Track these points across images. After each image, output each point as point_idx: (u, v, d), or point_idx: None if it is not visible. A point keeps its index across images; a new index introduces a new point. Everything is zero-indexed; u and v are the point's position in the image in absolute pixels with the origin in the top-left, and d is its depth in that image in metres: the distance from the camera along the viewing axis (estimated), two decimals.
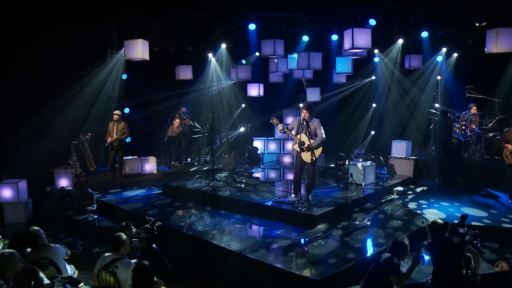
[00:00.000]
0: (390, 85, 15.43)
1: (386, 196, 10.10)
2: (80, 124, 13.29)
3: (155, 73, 14.75)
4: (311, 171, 8.73)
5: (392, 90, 15.45)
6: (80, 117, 13.23)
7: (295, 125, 8.70)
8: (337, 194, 9.55)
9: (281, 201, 8.79)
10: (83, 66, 12.90)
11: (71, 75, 12.56)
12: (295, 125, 8.69)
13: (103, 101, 14.02)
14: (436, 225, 5.62)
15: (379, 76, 15.78)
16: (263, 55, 12.16)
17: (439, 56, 14.64)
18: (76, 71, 12.71)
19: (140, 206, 9.68)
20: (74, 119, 13.02)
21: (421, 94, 14.62)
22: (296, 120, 8.76)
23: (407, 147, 12.80)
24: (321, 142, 8.59)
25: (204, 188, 10.25)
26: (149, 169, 13.60)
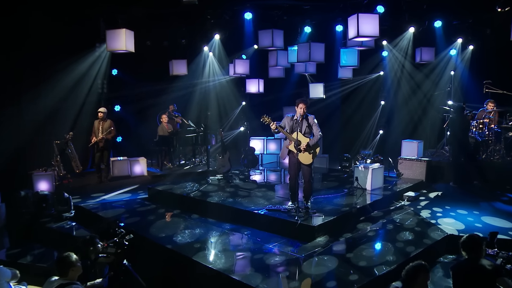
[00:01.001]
0: (400, 79, 14.29)
1: (395, 202, 9.02)
2: (64, 122, 12.34)
3: (148, 69, 13.87)
4: (308, 174, 7.69)
5: (402, 85, 14.32)
6: (63, 114, 12.27)
7: (287, 123, 7.68)
8: (340, 201, 8.50)
9: (276, 209, 7.76)
10: (66, 60, 11.92)
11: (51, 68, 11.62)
12: (288, 123, 7.67)
13: (89, 97, 13.02)
14: (476, 242, 4.51)
15: (387, 70, 14.69)
16: (261, 46, 11.13)
17: (452, 49, 13.55)
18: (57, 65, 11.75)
19: (120, 213, 8.73)
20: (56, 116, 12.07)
21: (434, 90, 13.47)
22: (288, 117, 7.72)
23: (419, 148, 11.75)
24: (318, 140, 7.60)
25: (192, 193, 9.23)
26: (139, 171, 12.63)
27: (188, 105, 14.81)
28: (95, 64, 12.79)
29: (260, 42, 11.08)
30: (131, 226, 8.00)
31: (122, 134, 14.39)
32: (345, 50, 11.01)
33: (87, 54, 12.50)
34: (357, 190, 9.22)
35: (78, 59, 12.27)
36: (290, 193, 7.88)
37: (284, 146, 7.77)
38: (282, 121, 7.80)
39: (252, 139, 13.55)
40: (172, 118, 13.34)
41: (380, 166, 9.62)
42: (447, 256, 6.82)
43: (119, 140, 14.42)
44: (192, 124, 13.05)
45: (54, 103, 11.97)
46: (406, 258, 6.20)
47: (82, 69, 12.51)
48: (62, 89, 12.01)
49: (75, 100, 12.69)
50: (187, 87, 14.85)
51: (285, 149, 7.75)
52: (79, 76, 12.51)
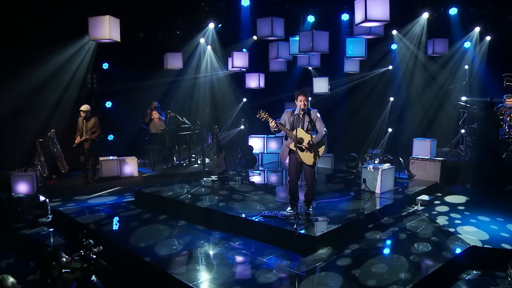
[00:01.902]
0: (413, 72, 13.25)
1: (407, 207, 8.07)
2: (48, 119, 11.49)
3: (141, 62, 13.04)
4: (311, 176, 6.76)
5: (414, 79, 13.31)
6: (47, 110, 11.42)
7: (287, 119, 6.77)
8: (345, 206, 7.55)
9: (272, 216, 6.83)
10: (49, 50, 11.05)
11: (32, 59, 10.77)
12: (287, 119, 6.77)
13: (76, 92, 12.14)
14: None
15: (397, 64, 13.73)
16: (260, 36, 10.19)
17: (467, 41, 12.56)
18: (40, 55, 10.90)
19: (99, 219, 7.83)
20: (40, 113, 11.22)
21: (448, 84, 12.45)
22: (288, 112, 6.81)
23: (432, 146, 10.81)
24: (323, 137, 6.70)
25: (181, 196, 8.32)
26: (129, 171, 11.74)
27: (183, 101, 13.93)
28: (81, 56, 11.88)
29: (258, 31, 10.15)
30: (110, 233, 7.14)
31: (113, 132, 13.56)
32: (351, 39, 10.02)
33: (72, 44, 11.58)
34: (364, 194, 8.28)
35: (63, 50, 11.38)
36: (289, 197, 6.96)
37: (284, 145, 6.84)
38: (282, 117, 6.88)
39: (251, 137, 12.62)
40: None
41: (391, 167, 8.66)
42: (471, 272, 5.87)
43: (111, 139, 13.58)
44: (187, 121, 12.16)
45: (37, 98, 11.14)
46: (423, 275, 5.26)
47: (68, 61, 11.62)
48: (46, 83, 11.16)
49: (61, 95, 11.83)
50: (182, 81, 13.97)
51: (285, 148, 6.82)
52: (64, 69, 11.63)
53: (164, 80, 13.60)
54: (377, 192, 8.28)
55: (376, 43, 12.52)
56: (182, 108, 13.56)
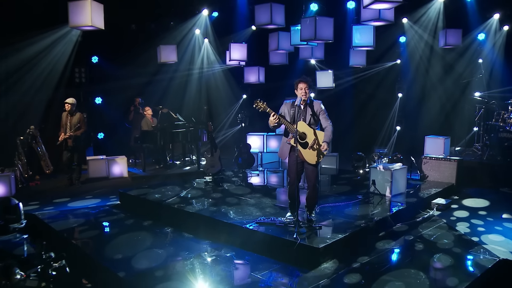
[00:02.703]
0: (425, 64, 12.29)
1: (422, 212, 7.20)
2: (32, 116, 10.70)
3: (133, 56, 12.18)
4: (314, 176, 5.89)
5: (425, 72, 12.38)
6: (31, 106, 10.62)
7: (287, 111, 5.92)
8: (353, 211, 6.67)
9: (269, 223, 5.96)
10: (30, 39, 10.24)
11: None
12: (287, 111, 5.92)
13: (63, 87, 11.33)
14: None
15: (406, 57, 12.86)
16: (258, 24, 9.33)
17: (481, 34, 11.66)
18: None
19: (77, 225, 7.00)
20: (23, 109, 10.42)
21: (463, 77, 11.54)
22: (288, 104, 5.96)
23: (445, 145, 9.92)
24: (331, 133, 5.83)
25: (169, 199, 7.46)
26: (119, 172, 10.90)
27: (178, 97, 13.10)
28: (63, 46, 11.02)
29: (256, 19, 9.29)
30: (84, 242, 6.29)
31: (103, 130, 12.75)
32: (358, 27, 9.14)
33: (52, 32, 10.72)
34: (374, 197, 7.40)
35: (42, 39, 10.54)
36: (289, 201, 6.10)
37: (284, 142, 5.97)
38: (281, 110, 6.02)
39: (249, 135, 11.76)
40: (137, 112, 11.74)
41: (403, 167, 7.78)
42: None
43: (101, 137, 12.76)
44: (181, 118, 11.31)
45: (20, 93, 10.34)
46: None
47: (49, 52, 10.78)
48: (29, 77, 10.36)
49: (46, 90, 11.03)
50: (176, 76, 13.14)
51: (285, 145, 5.94)
52: (49, 61, 10.81)
53: (157, 75, 12.76)
54: (388, 195, 7.41)
55: (384, 35, 11.63)
56: (176, 105, 12.73)
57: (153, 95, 12.42)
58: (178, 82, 13.28)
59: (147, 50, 12.17)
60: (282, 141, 6.08)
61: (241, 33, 11.98)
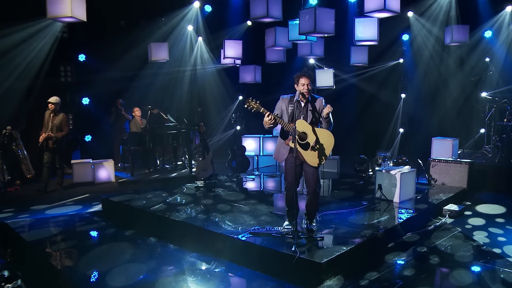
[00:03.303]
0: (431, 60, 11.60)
1: (434, 220, 6.53)
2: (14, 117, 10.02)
3: (122, 54, 11.53)
4: (315, 181, 5.22)
5: (430, 70, 11.71)
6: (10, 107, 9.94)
7: (284, 108, 5.27)
8: (358, 219, 5.98)
9: (264, 233, 5.26)
10: None
11: None
12: (285, 108, 5.26)
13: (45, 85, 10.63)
14: None
15: (410, 55, 12.23)
16: (253, 17, 8.68)
17: (487, 31, 11.03)
18: None
19: (51, 235, 6.30)
20: None
21: (472, 75, 10.87)
22: (285, 100, 5.30)
23: (454, 147, 9.28)
24: (331, 126, 5.29)
25: (154, 206, 6.76)
26: (105, 176, 10.20)
27: (169, 98, 12.44)
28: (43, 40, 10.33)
29: (252, 11, 8.63)
30: (55, 255, 5.58)
31: (91, 132, 12.06)
32: (360, 19, 8.48)
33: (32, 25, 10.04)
34: (380, 203, 6.72)
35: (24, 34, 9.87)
36: (287, 209, 5.42)
37: (281, 143, 5.30)
38: (277, 107, 5.36)
39: (244, 138, 11.09)
40: (119, 114, 11.12)
41: (412, 170, 7.11)
42: None
43: (88, 140, 12.07)
44: (172, 119, 10.64)
45: None
46: None
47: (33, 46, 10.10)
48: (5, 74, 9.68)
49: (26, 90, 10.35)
50: (168, 75, 12.49)
51: (282, 147, 5.27)
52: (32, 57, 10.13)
53: (148, 74, 12.11)
54: (396, 201, 6.73)
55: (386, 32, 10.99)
56: (167, 105, 12.07)
57: (143, 94, 11.75)
58: (169, 82, 12.63)
59: (137, 48, 11.56)
60: (278, 142, 5.41)
61: (236, 28, 11.32)
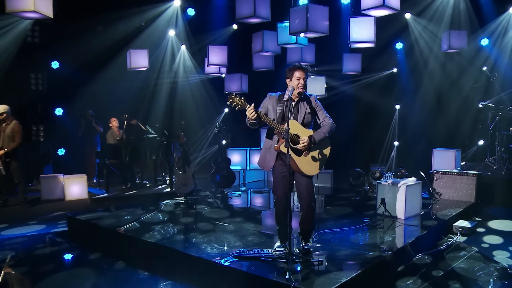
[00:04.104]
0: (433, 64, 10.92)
1: (445, 238, 5.75)
2: None
3: (100, 61, 10.74)
4: (310, 193, 4.44)
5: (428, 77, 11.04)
6: None
7: (271, 107, 4.51)
8: (360, 238, 5.17)
9: (251, 256, 4.42)
10: None
11: None
12: (272, 107, 4.51)
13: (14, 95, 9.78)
14: None
15: (404, 63, 11.62)
16: (239, 17, 7.94)
17: (484, 39, 10.46)
18: None
19: (2, 259, 5.37)
20: None
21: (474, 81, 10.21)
22: (273, 98, 4.55)
23: (457, 158, 8.59)
24: (330, 132, 4.48)
25: (125, 225, 5.87)
26: (77, 193, 9.29)
27: (149, 108, 11.61)
28: None
29: (238, 11, 7.89)
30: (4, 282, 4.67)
31: (65, 145, 11.16)
32: (356, 19, 7.80)
33: None
34: (384, 220, 5.92)
35: None
36: (278, 227, 4.61)
37: (267, 149, 4.51)
38: (262, 105, 4.59)
39: (230, 151, 10.28)
40: (89, 125, 10.31)
41: (417, 182, 6.34)
42: None
43: (61, 153, 11.16)
44: (152, 131, 9.81)
45: None
46: None
47: None
48: None
49: None
50: (148, 84, 11.71)
51: (268, 152, 4.49)
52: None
53: (126, 82, 11.31)
54: (400, 218, 5.95)
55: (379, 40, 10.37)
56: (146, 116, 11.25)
57: (121, 104, 10.91)
58: (149, 91, 11.82)
59: (115, 55, 10.77)
60: (263, 146, 4.61)
61: (221, 32, 10.60)
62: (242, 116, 4.38)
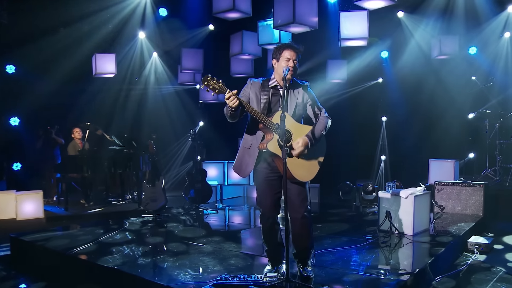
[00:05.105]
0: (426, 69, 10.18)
1: (462, 257, 4.88)
2: None
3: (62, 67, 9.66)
4: (303, 202, 3.57)
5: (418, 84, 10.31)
6: None
7: (253, 96, 3.61)
8: (367, 259, 4.25)
9: (237, 285, 3.43)
10: None
11: None
12: (254, 95, 3.60)
13: None
14: None
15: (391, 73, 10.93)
16: (216, 11, 7.09)
17: (472, 47, 9.87)
18: None
19: None
20: None
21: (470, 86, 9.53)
22: (256, 84, 3.65)
23: (455, 169, 7.85)
24: (326, 126, 3.62)
25: (78, 248, 4.81)
26: (32, 211, 8.07)
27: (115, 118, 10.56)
28: None
29: (215, 4, 7.09)
30: None
31: (21, 159, 9.98)
32: (347, 14, 7.03)
33: None
34: (391, 237, 5.02)
35: None
36: (266, 247, 3.68)
37: (246, 148, 3.61)
38: (243, 93, 3.65)
39: (205, 164, 9.28)
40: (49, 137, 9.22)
41: (425, 192, 5.50)
42: None
43: (17, 169, 9.98)
44: (118, 142, 8.76)
45: None
46: None
47: None
48: None
49: None
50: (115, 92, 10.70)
51: (248, 153, 3.59)
52: None
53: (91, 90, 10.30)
54: (408, 233, 5.06)
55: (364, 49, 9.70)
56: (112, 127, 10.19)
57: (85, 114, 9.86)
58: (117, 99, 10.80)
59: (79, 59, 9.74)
60: (241, 145, 3.68)
61: (195, 32, 9.71)
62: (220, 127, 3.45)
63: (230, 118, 3.44)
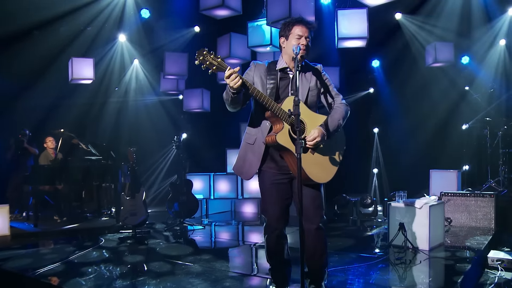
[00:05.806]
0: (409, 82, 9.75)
1: (486, 274, 4.31)
2: None
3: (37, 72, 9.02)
4: (318, 209, 2.95)
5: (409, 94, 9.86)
6: None
7: (257, 79, 2.98)
8: (385, 278, 3.64)
9: None
10: None
11: None
12: (259, 79, 2.98)
13: None
14: None
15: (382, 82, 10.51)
16: (203, 8, 6.54)
17: (464, 56, 9.50)
18: None
19: None
20: None
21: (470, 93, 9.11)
22: (261, 67, 3.03)
23: (458, 180, 7.33)
24: (344, 115, 3.04)
25: (43, 268, 4.09)
26: None
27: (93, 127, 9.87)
28: None
29: (202, 2, 6.55)
30: None
31: None
32: (345, 11, 6.53)
33: None
34: (406, 252, 4.41)
35: None
36: (271, 266, 3.04)
37: (249, 144, 3.00)
38: (246, 76, 2.99)
39: (190, 176, 8.58)
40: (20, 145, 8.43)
41: (439, 202, 4.93)
42: None
43: None
44: (94, 151, 8.05)
45: None
46: None
47: None
48: None
49: None
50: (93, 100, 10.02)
51: (251, 150, 2.98)
52: None
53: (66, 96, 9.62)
54: (424, 248, 4.47)
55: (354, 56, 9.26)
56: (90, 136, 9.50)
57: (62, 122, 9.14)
58: (94, 107, 10.11)
59: (55, 64, 9.09)
60: (243, 140, 3.05)
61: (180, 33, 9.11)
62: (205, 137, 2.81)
63: (231, 104, 2.83)
